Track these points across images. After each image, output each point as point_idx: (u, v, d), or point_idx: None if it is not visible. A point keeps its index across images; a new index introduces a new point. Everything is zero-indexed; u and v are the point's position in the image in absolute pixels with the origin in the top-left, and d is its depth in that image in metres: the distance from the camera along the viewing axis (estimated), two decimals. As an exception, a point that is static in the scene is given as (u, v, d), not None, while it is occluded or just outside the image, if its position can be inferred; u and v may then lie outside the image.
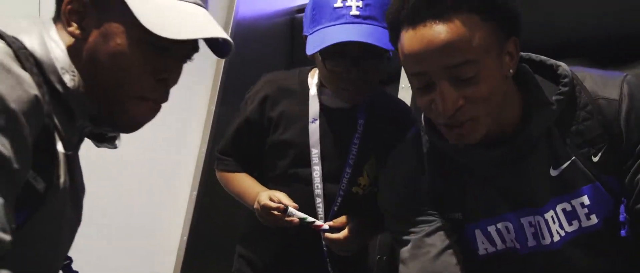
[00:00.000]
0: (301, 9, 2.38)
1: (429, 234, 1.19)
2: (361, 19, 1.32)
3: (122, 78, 0.92)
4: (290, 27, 2.39)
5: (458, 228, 1.20)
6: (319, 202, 1.44)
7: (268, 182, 1.49)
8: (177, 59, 0.97)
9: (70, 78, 0.90)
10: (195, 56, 1.01)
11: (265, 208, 1.39)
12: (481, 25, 1.01)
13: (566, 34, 1.60)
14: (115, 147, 1.03)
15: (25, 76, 0.81)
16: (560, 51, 1.52)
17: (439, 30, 1.00)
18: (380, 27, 1.31)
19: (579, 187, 1.09)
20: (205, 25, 0.95)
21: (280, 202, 1.38)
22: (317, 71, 1.47)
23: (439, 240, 1.18)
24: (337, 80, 1.38)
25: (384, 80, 1.81)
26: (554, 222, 1.12)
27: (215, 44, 1.02)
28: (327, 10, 1.34)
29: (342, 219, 1.43)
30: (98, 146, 1.03)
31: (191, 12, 0.95)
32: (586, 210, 1.10)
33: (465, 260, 1.19)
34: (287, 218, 1.37)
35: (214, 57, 1.12)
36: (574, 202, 1.10)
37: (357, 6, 1.32)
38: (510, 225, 1.15)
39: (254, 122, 1.48)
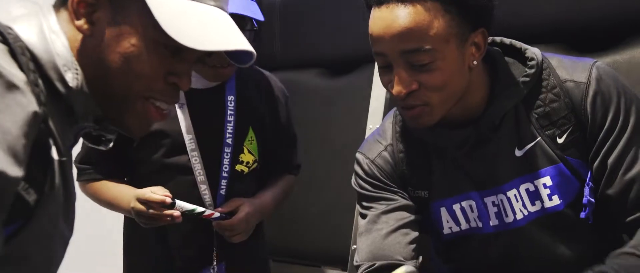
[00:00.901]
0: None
1: (386, 212, 1.19)
2: None
3: (134, 80, 0.85)
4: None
5: (424, 208, 1.20)
6: (204, 188, 1.40)
7: (143, 180, 1.40)
8: (189, 61, 0.90)
9: (73, 76, 0.82)
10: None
11: (147, 205, 1.30)
12: (442, 14, 1.01)
13: (543, 20, 1.62)
14: (107, 147, 0.95)
15: (21, 82, 0.72)
16: (538, 38, 1.55)
17: (399, 14, 1.00)
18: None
19: (542, 167, 1.11)
20: (229, 34, 0.88)
21: (165, 196, 1.30)
22: None
23: (394, 218, 1.18)
24: (203, 57, 1.33)
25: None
26: (517, 201, 1.13)
27: (232, 52, 0.94)
28: None
29: (234, 203, 1.39)
30: (92, 144, 0.96)
31: (214, 18, 0.87)
32: (548, 191, 1.11)
33: (429, 241, 1.21)
34: (170, 212, 1.29)
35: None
36: (536, 182, 1.11)
37: None
38: (474, 204, 1.16)
39: None
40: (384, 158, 1.22)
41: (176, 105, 1.36)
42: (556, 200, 1.11)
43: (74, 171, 1.38)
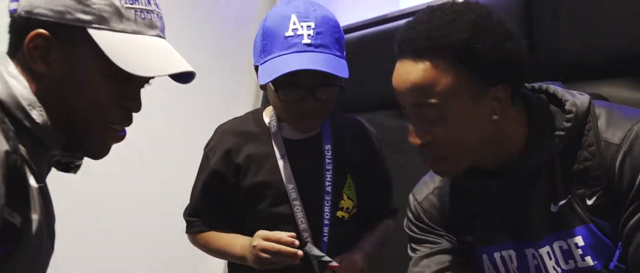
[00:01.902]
0: (347, 29, 2.37)
1: (428, 255, 1.23)
2: (313, 47, 1.31)
3: (92, 110, 0.96)
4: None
5: (470, 252, 1.22)
6: (307, 236, 1.42)
7: (247, 230, 1.45)
8: (137, 86, 1.01)
9: (38, 113, 0.92)
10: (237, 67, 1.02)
11: (272, 241, 1.33)
12: (451, 71, 1.04)
13: (617, 51, 1.53)
14: (76, 173, 1.06)
15: None
16: (610, 69, 1.48)
17: (410, 69, 1.06)
18: (332, 55, 1.32)
19: (573, 227, 1.09)
20: (168, 59, 0.99)
21: (293, 237, 1.34)
22: (270, 108, 1.46)
23: (435, 262, 1.21)
24: (291, 110, 1.37)
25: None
26: (550, 258, 1.12)
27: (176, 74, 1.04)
28: (278, 39, 1.32)
29: (348, 257, 1.41)
30: (62, 171, 1.06)
31: (154, 46, 0.99)
32: (580, 251, 1.09)
33: None
34: (296, 250, 1.32)
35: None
36: (569, 241, 1.09)
37: (309, 34, 1.31)
38: (513, 255, 1.16)
39: (221, 174, 1.45)
40: (430, 201, 1.25)
41: (277, 156, 1.43)
42: (589, 261, 1.08)
43: (182, 224, 1.55)
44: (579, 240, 1.08)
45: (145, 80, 1.01)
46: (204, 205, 1.50)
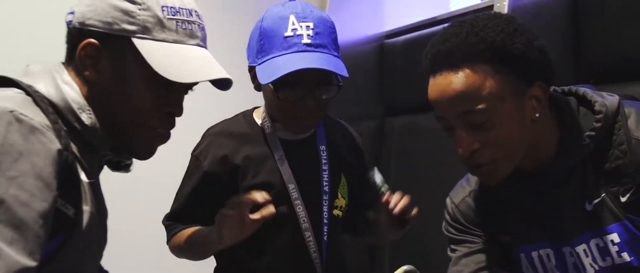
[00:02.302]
0: (390, 35, 2.41)
1: (467, 255, 1.26)
2: (313, 47, 1.31)
3: (136, 114, 1.03)
4: (380, 52, 2.42)
5: (508, 251, 1.24)
6: (309, 235, 1.42)
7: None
8: (180, 93, 1.08)
9: (87, 116, 1.00)
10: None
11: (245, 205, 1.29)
12: (493, 74, 1.06)
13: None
14: (129, 172, 1.14)
15: (44, 124, 0.90)
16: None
17: (450, 80, 1.07)
18: (330, 54, 1.32)
19: (608, 224, 1.10)
20: (207, 67, 1.05)
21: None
22: (261, 110, 1.45)
23: (474, 261, 1.25)
24: (290, 110, 1.35)
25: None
26: (587, 256, 1.13)
27: (215, 80, 1.10)
28: (277, 39, 1.31)
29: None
30: (113, 170, 1.13)
31: (194, 55, 1.05)
32: (617, 247, 1.10)
33: None
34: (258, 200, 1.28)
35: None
36: (605, 238, 1.11)
37: (308, 34, 1.31)
38: (551, 253, 1.18)
39: (216, 176, 1.41)
40: (467, 204, 1.28)
41: (276, 157, 1.43)
42: (626, 257, 1.09)
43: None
44: (615, 237, 1.09)
45: (187, 87, 1.07)
46: (189, 209, 1.45)
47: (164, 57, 1.01)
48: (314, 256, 1.43)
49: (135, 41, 1.01)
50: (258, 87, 1.41)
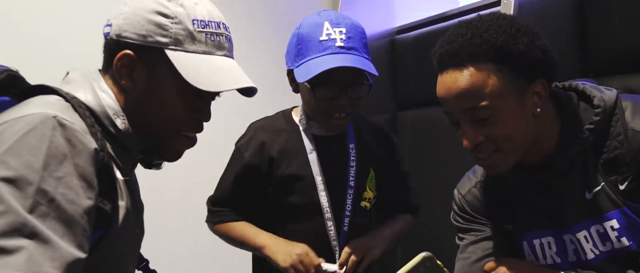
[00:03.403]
0: (401, 30, 2.47)
1: (474, 242, 1.33)
2: (345, 49, 1.44)
3: (168, 120, 1.10)
4: (391, 48, 2.47)
5: (511, 239, 1.31)
6: (330, 225, 1.55)
7: (278, 217, 1.58)
8: (208, 100, 1.15)
9: (121, 121, 1.07)
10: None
11: (302, 260, 1.47)
12: (495, 73, 1.12)
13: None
14: (160, 169, 1.21)
15: (83, 128, 0.97)
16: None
17: (456, 78, 1.14)
18: (361, 56, 1.44)
19: (608, 211, 1.16)
20: (234, 76, 1.12)
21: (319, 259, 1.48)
22: (299, 109, 1.61)
23: (481, 248, 1.31)
24: (325, 107, 1.49)
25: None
26: (588, 242, 1.19)
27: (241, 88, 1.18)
28: (313, 43, 1.45)
29: (346, 257, 1.53)
30: (146, 168, 1.21)
31: (221, 65, 1.12)
32: (616, 233, 1.16)
33: None
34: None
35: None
36: (605, 224, 1.17)
37: (341, 38, 1.44)
38: (552, 241, 1.24)
39: (254, 167, 1.57)
40: (473, 194, 1.35)
41: (307, 151, 1.57)
42: (625, 242, 1.15)
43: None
44: (614, 223, 1.15)
45: (215, 94, 1.15)
46: (233, 196, 1.60)
47: (195, 67, 1.08)
48: (333, 243, 1.56)
49: (168, 53, 1.08)
50: (296, 89, 1.55)
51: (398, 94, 2.45)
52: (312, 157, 1.56)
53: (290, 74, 1.53)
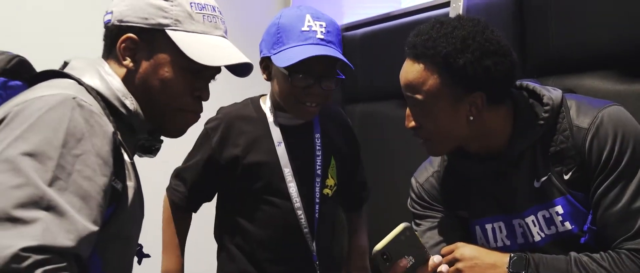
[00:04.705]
0: (348, 28, 2.55)
1: (431, 228, 1.44)
2: (325, 42, 1.53)
3: (170, 97, 1.17)
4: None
5: (465, 225, 1.43)
6: (300, 214, 1.63)
7: (245, 201, 1.65)
8: (207, 79, 1.22)
9: (130, 102, 1.13)
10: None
11: None
12: (436, 76, 1.25)
13: (598, 48, 1.71)
14: (154, 156, 1.26)
15: (99, 110, 1.03)
16: (592, 64, 1.66)
17: (409, 68, 1.29)
18: (338, 50, 1.55)
19: (553, 198, 1.29)
20: (231, 53, 1.20)
21: None
22: (267, 97, 1.67)
23: (436, 234, 1.43)
24: (299, 94, 1.56)
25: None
26: (535, 225, 1.32)
27: (235, 68, 1.25)
28: (294, 32, 1.53)
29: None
30: (141, 156, 1.26)
31: (218, 44, 1.19)
32: (560, 218, 1.29)
33: None
34: None
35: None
36: (551, 210, 1.30)
37: (321, 31, 1.53)
38: (503, 225, 1.37)
39: (220, 153, 1.63)
40: (430, 183, 1.47)
41: (274, 140, 1.63)
42: (568, 226, 1.29)
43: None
44: (559, 209, 1.29)
45: (212, 74, 1.23)
46: (193, 174, 1.66)
47: (195, 44, 1.16)
48: (305, 231, 1.62)
49: (169, 32, 1.15)
50: (268, 76, 1.61)
51: (346, 88, 2.53)
52: (280, 148, 1.62)
53: (263, 61, 1.60)
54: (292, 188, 1.61)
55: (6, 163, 0.89)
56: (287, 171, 1.61)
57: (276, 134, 1.63)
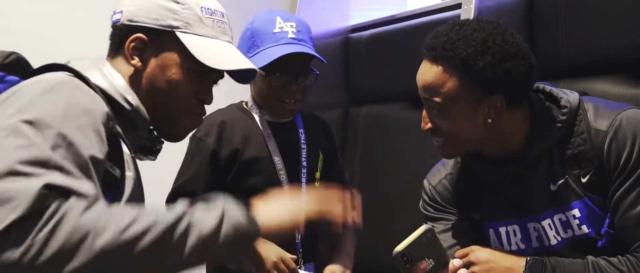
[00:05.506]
0: (355, 29, 2.54)
1: (444, 231, 1.43)
2: (297, 40, 1.63)
3: (176, 98, 1.17)
4: (345, 46, 2.54)
5: (477, 228, 1.42)
6: None
7: (243, 194, 1.60)
8: (211, 82, 1.23)
9: (132, 97, 1.13)
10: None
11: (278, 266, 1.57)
12: (455, 78, 1.25)
13: (609, 51, 1.71)
14: (154, 159, 1.26)
15: (97, 95, 1.04)
16: (604, 68, 1.66)
17: (427, 70, 1.28)
18: (310, 47, 1.63)
19: (570, 202, 1.28)
20: (238, 59, 1.23)
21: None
22: (249, 101, 1.74)
23: (449, 237, 1.42)
24: (278, 93, 1.64)
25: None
26: (551, 229, 1.32)
27: (239, 74, 1.28)
28: (267, 35, 1.62)
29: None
30: (141, 159, 1.24)
31: (226, 49, 1.21)
32: (578, 221, 1.28)
33: None
34: None
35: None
36: (567, 213, 1.29)
37: (292, 31, 1.63)
38: (517, 228, 1.36)
39: (219, 153, 1.65)
40: (443, 185, 1.46)
41: (264, 135, 1.69)
42: (585, 229, 1.28)
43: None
44: (576, 212, 1.28)
45: (216, 79, 1.24)
46: (199, 185, 1.63)
47: (205, 48, 1.16)
48: None
49: (179, 34, 1.15)
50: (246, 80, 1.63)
51: (350, 90, 2.53)
52: (270, 140, 1.69)
53: None
54: (283, 176, 1.68)
55: (7, 130, 0.86)
56: (278, 160, 1.68)
57: (265, 128, 1.70)
